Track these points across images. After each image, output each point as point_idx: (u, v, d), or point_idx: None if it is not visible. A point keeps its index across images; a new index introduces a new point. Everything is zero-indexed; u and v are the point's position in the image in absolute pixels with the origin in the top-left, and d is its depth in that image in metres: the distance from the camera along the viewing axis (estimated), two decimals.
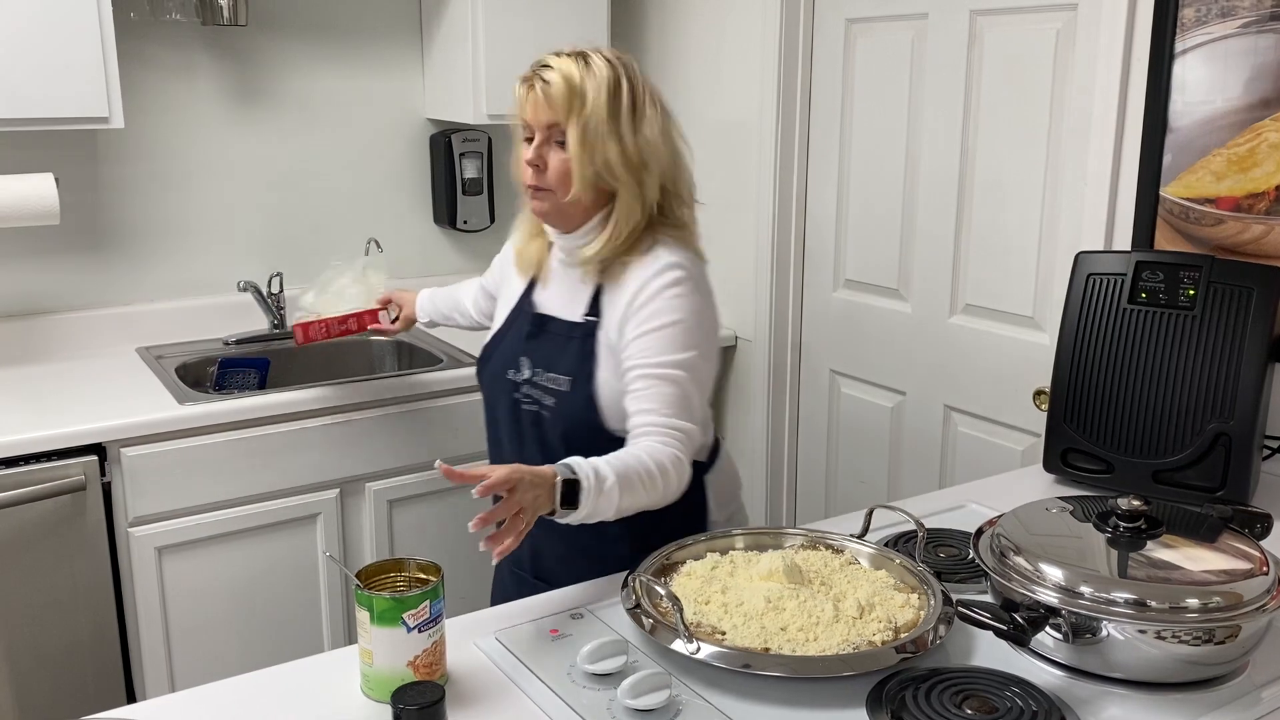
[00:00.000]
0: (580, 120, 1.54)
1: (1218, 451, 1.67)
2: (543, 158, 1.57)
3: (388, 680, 1.16)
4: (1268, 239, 1.81)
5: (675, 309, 1.54)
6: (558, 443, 1.62)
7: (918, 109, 2.40)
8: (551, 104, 1.54)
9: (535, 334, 1.67)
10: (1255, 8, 1.77)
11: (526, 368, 1.67)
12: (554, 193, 1.59)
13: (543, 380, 1.64)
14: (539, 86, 1.55)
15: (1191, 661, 1.18)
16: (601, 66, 1.55)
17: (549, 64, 1.56)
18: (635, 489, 1.41)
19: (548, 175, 1.58)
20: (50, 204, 2.29)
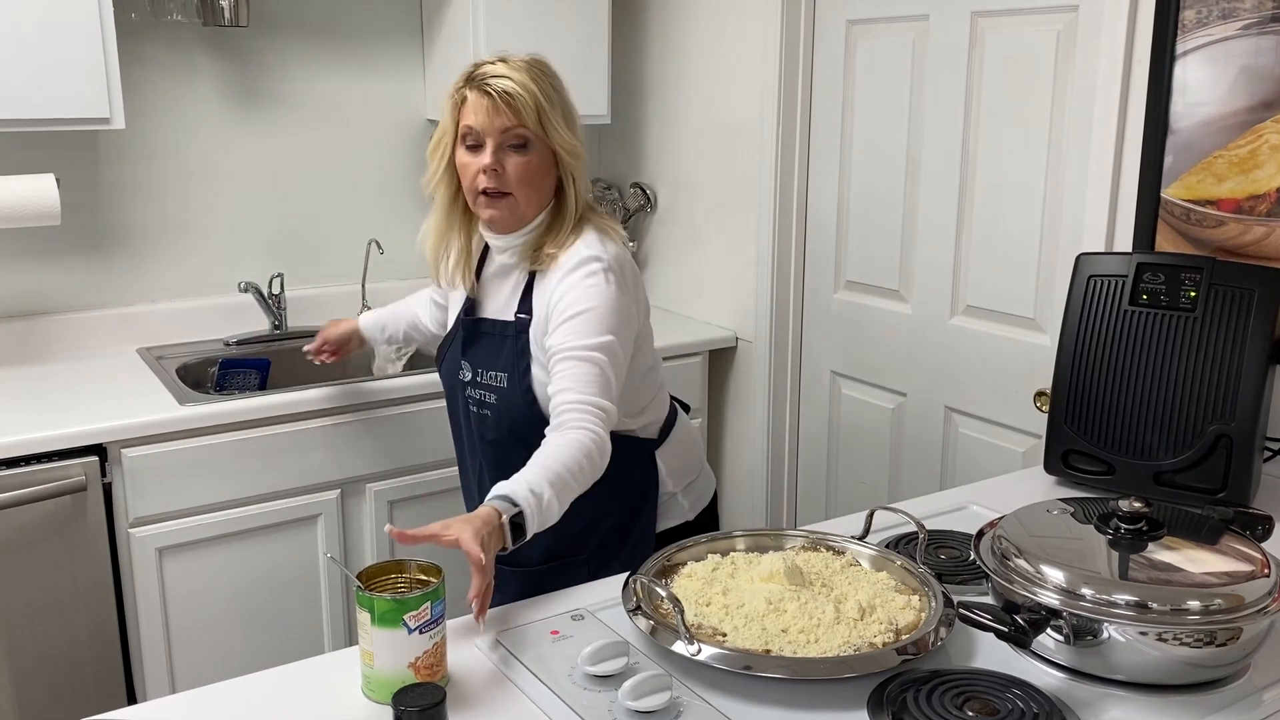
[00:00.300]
0: (549, 123, 1.64)
1: (1219, 453, 1.67)
2: (500, 162, 1.63)
3: (389, 682, 1.16)
4: (1269, 241, 1.81)
5: (591, 297, 1.63)
6: (505, 437, 1.74)
7: (918, 110, 2.40)
8: (515, 110, 1.61)
9: (471, 338, 1.78)
10: (1256, 9, 1.77)
11: (468, 370, 1.78)
12: (513, 196, 1.66)
13: (484, 379, 1.75)
14: (496, 95, 1.61)
15: (1193, 664, 1.18)
16: (537, 68, 1.67)
17: (497, 72, 1.63)
18: (569, 486, 1.48)
19: (507, 179, 1.64)
20: (51, 204, 2.29)
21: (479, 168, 1.64)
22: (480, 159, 1.64)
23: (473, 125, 1.64)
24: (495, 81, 1.62)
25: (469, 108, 1.64)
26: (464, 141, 1.66)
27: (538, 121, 1.63)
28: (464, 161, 1.67)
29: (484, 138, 1.63)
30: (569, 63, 2.82)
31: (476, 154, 1.65)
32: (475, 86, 1.64)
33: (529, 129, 1.63)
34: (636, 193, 3.12)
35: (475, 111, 1.63)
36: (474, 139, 1.65)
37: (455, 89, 1.67)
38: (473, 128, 1.64)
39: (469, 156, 1.66)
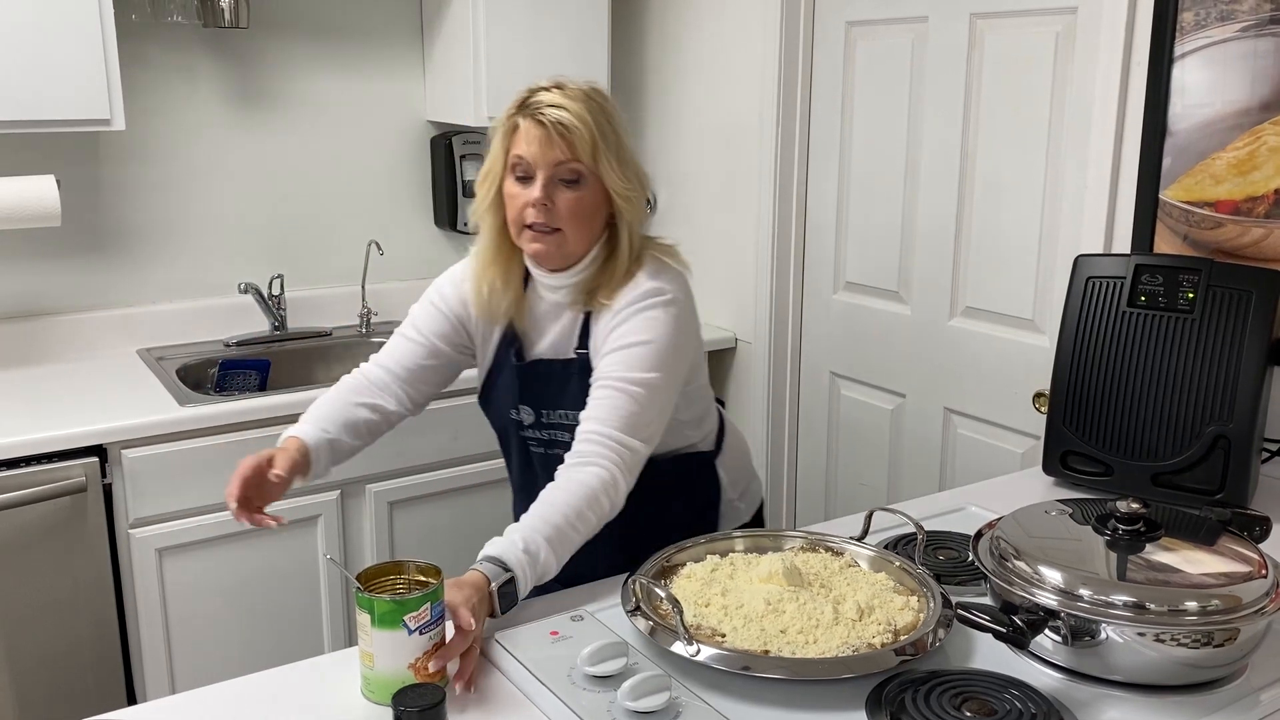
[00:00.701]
0: (602, 160, 1.54)
1: (1217, 454, 1.67)
2: (550, 196, 1.54)
3: (389, 683, 1.16)
4: (1267, 242, 1.81)
5: (648, 329, 1.56)
6: None
7: (918, 112, 2.40)
8: (570, 143, 1.53)
9: (529, 382, 1.67)
10: (1254, 11, 1.77)
11: (528, 414, 1.68)
12: (562, 232, 1.56)
13: (552, 419, 1.66)
14: (550, 125, 1.52)
15: (1190, 664, 1.18)
16: (595, 100, 1.57)
17: (553, 100, 1.54)
18: (569, 540, 1.41)
19: (557, 214, 1.55)
20: (52, 206, 2.29)
21: (527, 200, 1.55)
22: (529, 191, 1.55)
23: (523, 155, 1.55)
24: (550, 111, 1.53)
25: (520, 136, 1.55)
26: (513, 171, 1.57)
27: (591, 156, 1.54)
28: (512, 192, 1.57)
29: (534, 169, 1.54)
30: (568, 64, 2.84)
31: (526, 185, 1.56)
32: (528, 114, 1.55)
33: (583, 164, 1.54)
34: None
35: (527, 141, 1.54)
36: (524, 170, 1.55)
37: (507, 115, 1.58)
38: (523, 158, 1.55)
39: (517, 187, 1.56)
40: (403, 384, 1.70)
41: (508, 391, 1.70)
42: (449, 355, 1.72)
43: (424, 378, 1.71)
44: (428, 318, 1.71)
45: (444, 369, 1.73)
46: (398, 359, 1.70)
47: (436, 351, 1.71)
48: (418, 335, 1.70)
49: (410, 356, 1.70)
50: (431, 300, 1.72)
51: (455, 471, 2.52)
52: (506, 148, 1.57)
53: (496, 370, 1.71)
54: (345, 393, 1.68)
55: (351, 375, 1.72)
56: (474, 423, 2.53)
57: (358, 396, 1.68)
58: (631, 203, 1.59)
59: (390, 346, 1.72)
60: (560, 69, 2.94)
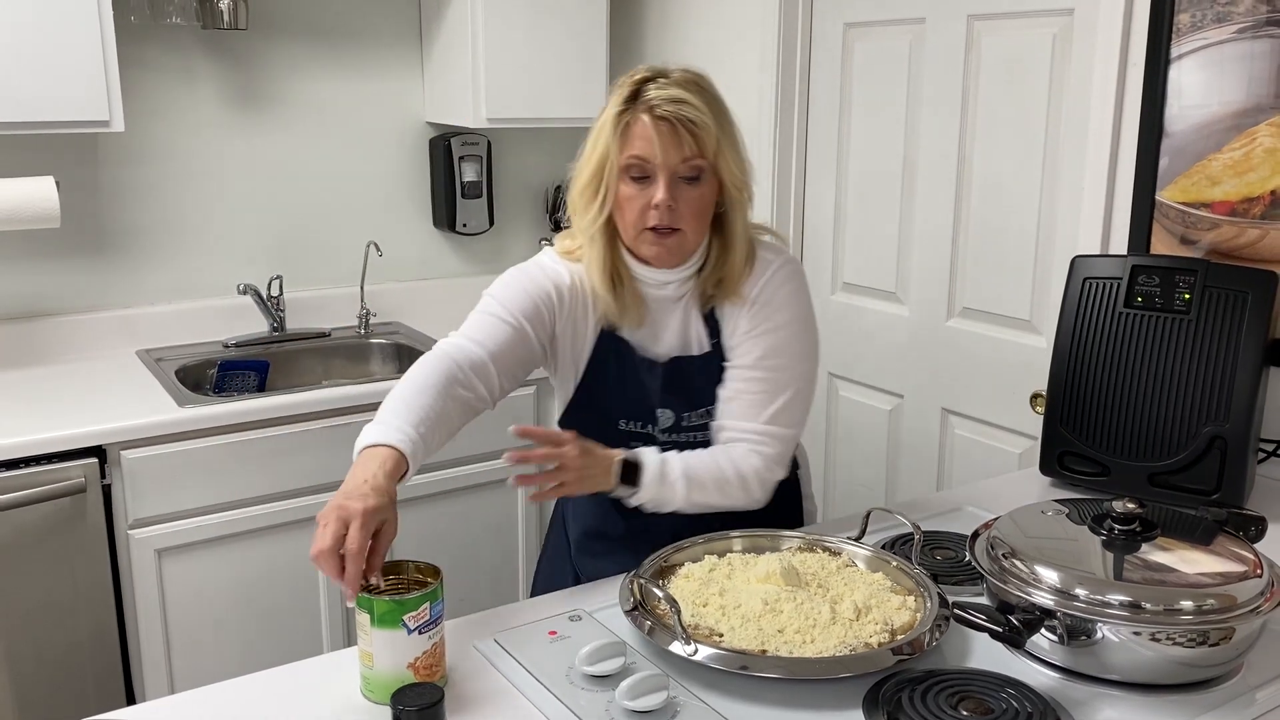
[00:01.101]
0: (723, 154, 1.47)
1: (1213, 454, 1.68)
2: (675, 196, 1.46)
3: (388, 682, 1.17)
4: (1263, 243, 1.81)
5: (790, 306, 1.55)
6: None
7: (915, 113, 2.41)
8: (699, 140, 1.45)
9: (672, 382, 1.57)
10: (1250, 13, 1.78)
11: (667, 418, 1.58)
12: (683, 232, 1.49)
13: (691, 421, 1.58)
14: (677, 122, 1.43)
15: (1186, 663, 1.18)
16: (709, 90, 1.49)
17: (673, 95, 1.44)
18: (707, 488, 1.46)
19: (679, 213, 1.47)
20: (51, 207, 2.30)
21: (649, 203, 1.45)
22: (649, 193, 1.45)
23: (644, 156, 1.44)
24: (672, 106, 1.43)
25: (637, 135, 1.44)
26: (628, 172, 1.46)
27: (715, 152, 1.46)
28: (628, 194, 1.47)
29: (655, 169, 1.45)
30: (567, 65, 2.85)
31: (644, 186, 1.46)
32: (645, 110, 1.44)
33: (705, 160, 1.46)
34: None
35: (647, 140, 1.44)
36: (641, 170, 1.45)
37: (617, 112, 1.45)
38: (644, 158, 1.45)
39: (634, 188, 1.46)
40: (498, 369, 1.48)
41: (639, 397, 1.58)
42: (534, 347, 1.54)
43: (514, 367, 1.52)
44: (519, 299, 1.52)
45: (528, 362, 1.55)
46: (494, 340, 1.49)
47: (526, 338, 1.52)
48: (509, 316, 1.51)
49: (504, 340, 1.49)
50: (522, 284, 1.54)
51: (454, 472, 2.53)
52: (619, 146, 1.46)
53: (600, 375, 1.58)
54: (443, 380, 1.40)
55: (441, 356, 1.44)
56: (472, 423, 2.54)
57: (455, 384, 1.42)
58: (744, 192, 1.53)
59: (479, 326, 1.51)
60: (559, 72, 2.96)
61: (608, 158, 1.47)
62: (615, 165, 1.46)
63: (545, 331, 1.55)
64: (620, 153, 1.46)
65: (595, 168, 1.49)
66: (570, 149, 1.53)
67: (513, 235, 3.18)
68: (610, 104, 1.48)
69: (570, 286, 1.56)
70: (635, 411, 1.58)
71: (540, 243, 3.19)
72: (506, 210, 3.15)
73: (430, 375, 1.40)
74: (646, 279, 1.55)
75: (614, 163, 1.46)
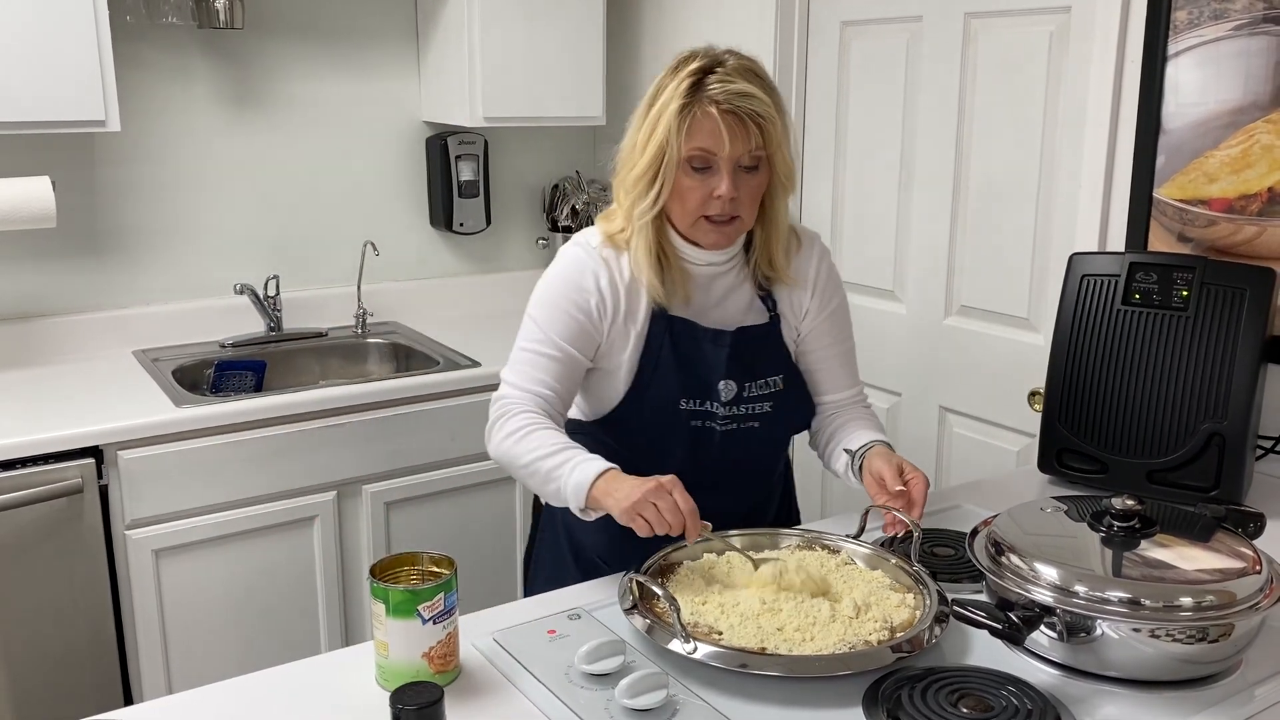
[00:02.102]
0: (781, 145, 1.49)
1: (1211, 451, 1.68)
2: (736, 186, 1.47)
3: (403, 672, 1.18)
4: (1260, 240, 1.81)
5: (839, 280, 1.70)
6: (771, 449, 1.71)
7: (912, 111, 2.41)
8: (765, 132, 1.46)
9: (737, 351, 1.58)
10: (1247, 10, 1.78)
11: (729, 391, 1.58)
12: (741, 219, 1.51)
13: (752, 391, 1.60)
14: (745, 116, 1.44)
15: (1185, 660, 1.18)
16: (766, 78, 1.49)
17: (739, 88, 1.44)
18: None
19: (739, 202, 1.49)
20: (47, 207, 2.29)
21: (710, 193, 1.47)
22: (710, 183, 1.46)
23: (709, 149, 1.45)
24: (744, 102, 1.43)
25: (701, 126, 1.44)
26: (690, 163, 1.46)
27: (778, 143, 1.48)
28: (688, 185, 1.47)
29: (719, 161, 1.46)
30: (564, 64, 2.84)
31: (705, 176, 1.47)
32: (714, 103, 1.43)
33: (768, 151, 1.48)
34: None
35: (715, 134, 1.43)
36: (704, 162, 1.46)
37: (681, 105, 1.43)
38: (710, 151, 1.45)
39: (694, 179, 1.47)
40: (564, 404, 1.57)
41: (697, 370, 1.57)
42: (584, 363, 1.58)
43: (572, 388, 1.58)
44: (562, 325, 1.54)
45: (581, 375, 1.59)
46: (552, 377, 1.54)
47: (575, 362, 1.55)
48: (556, 351, 1.54)
49: (558, 373, 1.54)
50: (563, 305, 1.55)
51: (452, 472, 2.52)
52: (681, 138, 1.44)
53: (658, 356, 1.57)
54: (554, 427, 1.50)
55: (535, 412, 1.51)
56: (471, 423, 2.54)
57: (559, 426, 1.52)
58: (793, 177, 1.56)
59: (533, 367, 1.54)
60: (556, 71, 2.96)
61: (667, 148, 1.46)
62: (676, 156, 1.46)
63: (591, 342, 1.57)
64: (684, 145, 1.45)
65: (653, 157, 1.47)
66: (568, 148, 1.53)
67: (510, 234, 3.18)
68: (669, 94, 1.46)
69: (611, 282, 1.55)
70: (696, 388, 1.58)
71: (538, 242, 3.19)
72: (503, 209, 3.14)
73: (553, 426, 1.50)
74: (694, 258, 1.57)
75: (675, 154, 1.46)
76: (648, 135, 1.48)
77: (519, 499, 2.63)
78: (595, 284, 1.55)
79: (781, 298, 1.64)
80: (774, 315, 1.63)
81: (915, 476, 1.51)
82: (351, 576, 2.45)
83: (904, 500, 1.48)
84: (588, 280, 1.55)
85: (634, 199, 1.51)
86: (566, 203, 3.10)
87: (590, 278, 1.55)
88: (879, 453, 1.57)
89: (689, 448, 1.60)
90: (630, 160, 1.52)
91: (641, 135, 1.50)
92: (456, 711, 1.16)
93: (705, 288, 1.59)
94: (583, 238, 1.60)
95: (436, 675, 1.19)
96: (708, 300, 1.59)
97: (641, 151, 1.49)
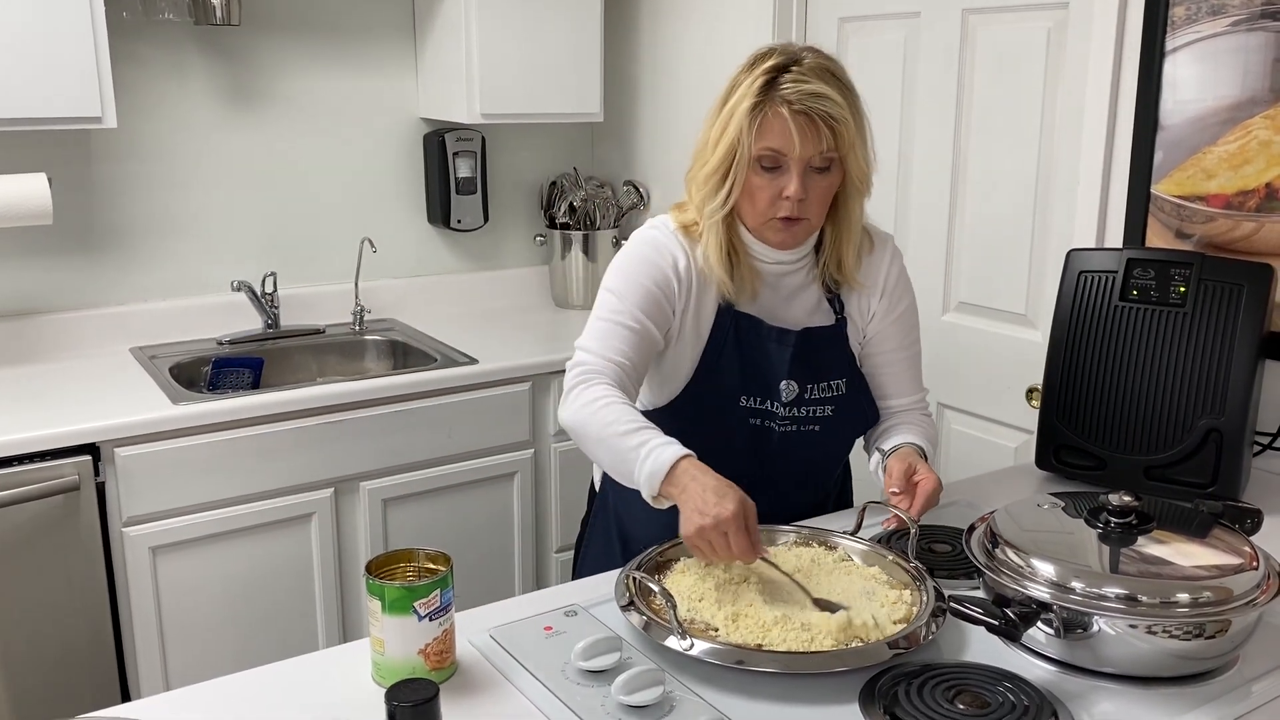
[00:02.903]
0: (857, 148, 1.48)
1: (1209, 447, 1.68)
2: (806, 187, 1.46)
3: (399, 668, 1.18)
4: (1258, 236, 1.81)
5: (910, 285, 1.68)
6: (830, 453, 1.70)
7: (910, 107, 2.40)
8: (837, 135, 1.44)
9: (802, 353, 1.57)
10: (1245, 6, 1.78)
11: (791, 391, 1.58)
12: (810, 221, 1.51)
13: (814, 394, 1.59)
14: (819, 118, 1.42)
15: (1182, 656, 1.18)
16: (843, 78, 1.47)
17: (813, 89, 1.42)
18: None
19: (808, 203, 1.48)
20: (43, 204, 2.29)
21: (779, 193, 1.46)
22: (780, 183, 1.45)
23: (780, 149, 1.44)
24: (816, 103, 1.42)
25: (774, 128, 1.43)
26: (760, 162, 1.46)
27: (850, 145, 1.47)
28: (758, 184, 1.46)
29: (789, 162, 1.44)
30: (562, 60, 2.84)
31: (774, 176, 1.46)
32: (784, 102, 1.42)
33: (840, 153, 1.46)
34: (629, 191, 3.12)
35: (785, 134, 1.42)
36: (774, 161, 1.45)
37: (753, 103, 1.42)
38: (780, 151, 1.44)
39: (764, 178, 1.46)
40: (636, 376, 1.54)
41: (760, 368, 1.57)
42: (657, 341, 1.55)
43: (644, 365, 1.56)
44: (639, 296, 1.52)
45: (653, 354, 1.57)
46: (628, 348, 1.51)
47: (651, 337, 1.53)
48: (633, 321, 1.52)
49: (634, 345, 1.51)
50: (640, 277, 1.53)
51: (450, 469, 2.52)
52: (754, 138, 1.44)
53: (722, 350, 1.57)
54: (629, 402, 1.47)
55: (609, 384, 1.47)
56: (469, 419, 2.54)
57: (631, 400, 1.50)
58: (866, 183, 1.54)
59: (610, 336, 1.51)
60: (554, 67, 2.95)
61: (738, 147, 1.45)
62: (747, 155, 1.45)
63: (666, 321, 1.56)
64: (754, 144, 1.44)
65: (724, 155, 1.47)
66: (565, 144, 1.52)
67: (507, 231, 3.17)
68: (742, 92, 1.45)
69: (687, 267, 1.55)
70: (758, 386, 1.58)
71: (536, 239, 3.19)
72: (501, 206, 3.14)
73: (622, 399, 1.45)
74: (763, 256, 1.57)
75: (746, 153, 1.45)
76: (720, 133, 1.47)
77: (517, 496, 2.64)
78: (673, 264, 1.55)
79: (850, 300, 1.63)
80: (841, 317, 1.62)
81: (927, 477, 1.51)
82: (349, 573, 2.44)
83: (906, 498, 1.49)
84: (665, 259, 1.55)
85: (705, 196, 1.51)
86: (564, 200, 3.10)
87: (668, 257, 1.55)
88: (901, 453, 1.57)
89: (747, 445, 1.60)
90: (702, 157, 1.52)
91: (714, 133, 1.49)
92: (452, 708, 1.16)
93: (774, 286, 1.59)
94: (660, 221, 1.61)
95: (432, 672, 1.19)
96: (775, 298, 1.59)
97: (713, 149, 1.49)
